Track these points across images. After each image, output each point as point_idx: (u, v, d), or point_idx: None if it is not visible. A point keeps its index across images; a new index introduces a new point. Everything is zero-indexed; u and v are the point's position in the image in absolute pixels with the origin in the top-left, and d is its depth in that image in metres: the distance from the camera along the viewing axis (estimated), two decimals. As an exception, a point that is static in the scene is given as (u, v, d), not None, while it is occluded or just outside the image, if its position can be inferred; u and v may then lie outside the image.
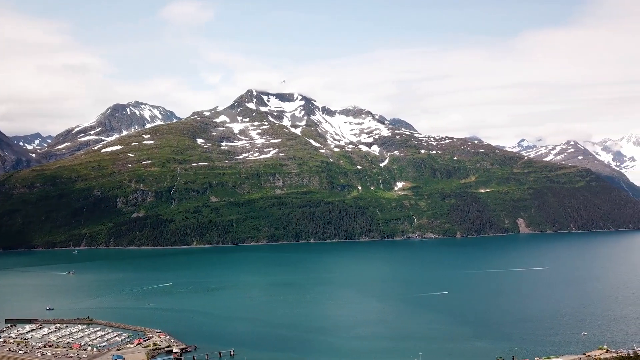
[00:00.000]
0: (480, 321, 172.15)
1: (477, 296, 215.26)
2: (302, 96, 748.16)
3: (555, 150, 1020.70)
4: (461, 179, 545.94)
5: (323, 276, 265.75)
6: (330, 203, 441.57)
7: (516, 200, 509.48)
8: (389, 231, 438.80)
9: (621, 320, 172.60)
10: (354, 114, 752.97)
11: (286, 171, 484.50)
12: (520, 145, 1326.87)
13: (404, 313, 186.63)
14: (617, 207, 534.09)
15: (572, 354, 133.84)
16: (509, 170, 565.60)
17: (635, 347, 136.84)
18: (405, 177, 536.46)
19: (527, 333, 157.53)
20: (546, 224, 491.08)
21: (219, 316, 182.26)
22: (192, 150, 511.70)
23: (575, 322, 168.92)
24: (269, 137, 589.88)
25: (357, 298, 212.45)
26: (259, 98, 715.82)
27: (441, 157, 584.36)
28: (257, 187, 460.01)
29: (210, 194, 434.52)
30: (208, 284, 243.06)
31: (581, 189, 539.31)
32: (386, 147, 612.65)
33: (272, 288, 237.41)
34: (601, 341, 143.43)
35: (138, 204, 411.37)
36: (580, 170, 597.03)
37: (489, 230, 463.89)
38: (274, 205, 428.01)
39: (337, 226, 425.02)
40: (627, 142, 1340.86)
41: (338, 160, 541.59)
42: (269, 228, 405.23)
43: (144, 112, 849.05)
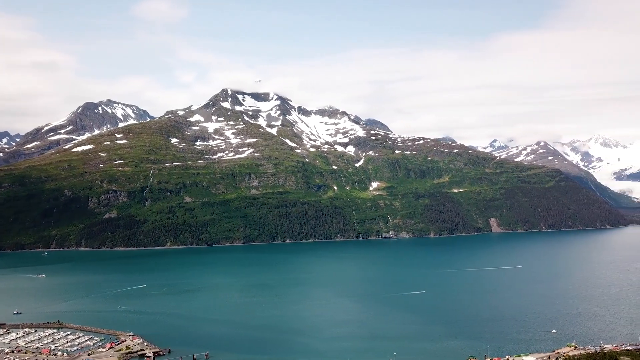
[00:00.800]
0: (454, 320, 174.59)
1: (453, 295, 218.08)
2: (277, 96, 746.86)
3: (526, 150, 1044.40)
4: (435, 179, 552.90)
5: (299, 277, 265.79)
6: (306, 203, 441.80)
7: (488, 200, 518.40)
8: (364, 231, 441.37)
9: (589, 317, 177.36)
10: (330, 114, 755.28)
11: (262, 171, 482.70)
12: (492, 146, 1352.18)
13: (380, 313, 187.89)
14: (585, 206, 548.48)
15: (542, 352, 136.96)
16: (481, 171, 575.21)
17: (602, 343, 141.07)
18: (380, 177, 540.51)
19: (499, 331, 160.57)
20: (517, 223, 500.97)
21: (193, 318, 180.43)
22: (165, 149, 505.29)
23: (546, 320, 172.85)
24: (244, 136, 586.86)
25: (333, 298, 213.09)
26: (234, 97, 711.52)
27: (415, 157, 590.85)
28: (232, 187, 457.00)
29: (185, 194, 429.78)
30: (182, 285, 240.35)
31: (551, 188, 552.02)
32: (361, 148, 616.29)
33: (248, 289, 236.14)
34: (570, 338, 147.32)
35: (110, 204, 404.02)
36: (550, 170, 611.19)
37: (462, 230, 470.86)
38: (249, 205, 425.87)
39: (312, 226, 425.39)
40: (595, 143, 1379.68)
41: (314, 161, 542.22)
42: (244, 228, 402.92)
43: (117, 110, 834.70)
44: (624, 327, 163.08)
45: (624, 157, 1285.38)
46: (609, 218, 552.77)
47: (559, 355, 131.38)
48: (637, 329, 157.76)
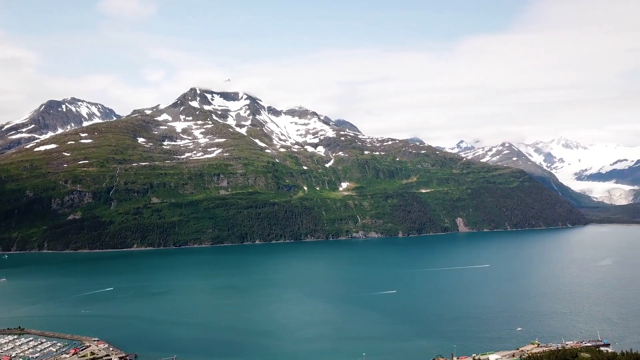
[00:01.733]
0: (422, 320, 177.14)
1: (423, 295, 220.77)
2: (247, 95, 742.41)
3: (492, 151, 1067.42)
4: (403, 179, 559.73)
5: (269, 278, 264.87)
6: (276, 204, 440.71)
7: (455, 200, 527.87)
8: (333, 231, 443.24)
9: (551, 315, 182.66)
10: (300, 114, 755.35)
11: (231, 171, 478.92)
12: (459, 147, 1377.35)
13: (350, 313, 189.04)
14: (547, 206, 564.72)
15: (506, 350, 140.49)
16: (448, 171, 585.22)
17: (563, 340, 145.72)
18: (349, 178, 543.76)
19: (466, 330, 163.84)
20: (483, 223, 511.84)
21: (161, 322, 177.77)
22: (132, 149, 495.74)
23: (511, 318, 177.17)
24: (213, 136, 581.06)
25: (303, 299, 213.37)
26: (203, 96, 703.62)
27: (384, 158, 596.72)
28: (201, 187, 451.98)
29: (152, 195, 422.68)
30: (149, 288, 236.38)
31: (515, 189, 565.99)
32: (331, 148, 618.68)
33: (216, 291, 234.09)
34: (533, 336, 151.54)
35: (74, 205, 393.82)
36: (514, 171, 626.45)
37: (429, 229, 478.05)
38: (218, 206, 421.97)
39: (283, 227, 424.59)
40: (557, 144, 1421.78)
41: (284, 161, 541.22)
42: (213, 229, 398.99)
43: (81, 109, 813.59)
44: (584, 324, 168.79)
45: (584, 158, 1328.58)
46: (570, 217, 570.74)
47: (523, 353, 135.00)
48: (596, 326, 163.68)
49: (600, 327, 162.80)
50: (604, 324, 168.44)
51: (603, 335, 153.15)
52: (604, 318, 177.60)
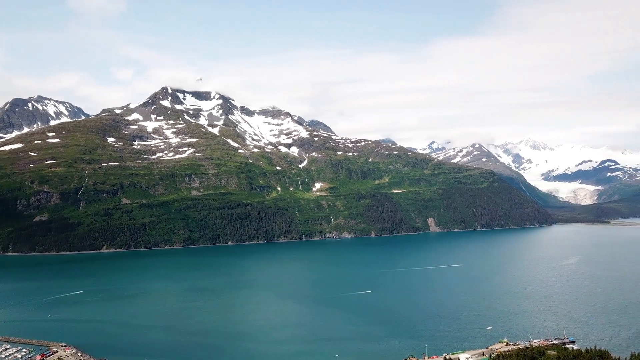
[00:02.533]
0: (395, 320, 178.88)
1: (397, 294, 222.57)
2: (219, 95, 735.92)
3: (462, 152, 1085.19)
4: (375, 179, 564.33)
5: (242, 279, 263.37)
6: (249, 204, 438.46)
7: (427, 200, 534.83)
8: (307, 231, 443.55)
9: (519, 314, 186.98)
10: (273, 114, 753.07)
11: (203, 172, 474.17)
12: (430, 147, 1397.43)
13: (324, 314, 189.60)
14: (516, 206, 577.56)
15: (476, 349, 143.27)
16: (420, 172, 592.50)
17: (531, 339, 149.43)
18: (323, 178, 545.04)
19: (438, 330, 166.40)
20: (454, 223, 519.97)
21: (131, 325, 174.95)
22: (101, 149, 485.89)
23: (481, 317, 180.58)
24: (184, 136, 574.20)
25: (276, 301, 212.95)
26: (175, 96, 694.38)
27: (357, 158, 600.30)
28: (172, 188, 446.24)
29: (122, 196, 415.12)
30: (119, 291, 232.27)
31: (485, 189, 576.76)
32: (305, 149, 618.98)
33: (188, 294, 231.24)
34: (502, 335, 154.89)
35: (41, 206, 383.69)
36: (484, 171, 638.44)
37: (401, 230, 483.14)
38: (190, 207, 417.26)
39: (256, 227, 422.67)
40: (525, 145, 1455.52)
41: (257, 161, 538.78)
42: (184, 231, 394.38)
43: (48, 107, 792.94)
44: (551, 322, 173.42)
45: (551, 159, 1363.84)
46: (538, 217, 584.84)
47: (492, 352, 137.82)
48: (563, 324, 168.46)
49: (566, 324, 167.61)
50: (570, 322, 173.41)
51: (569, 332, 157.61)
52: (569, 316, 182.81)
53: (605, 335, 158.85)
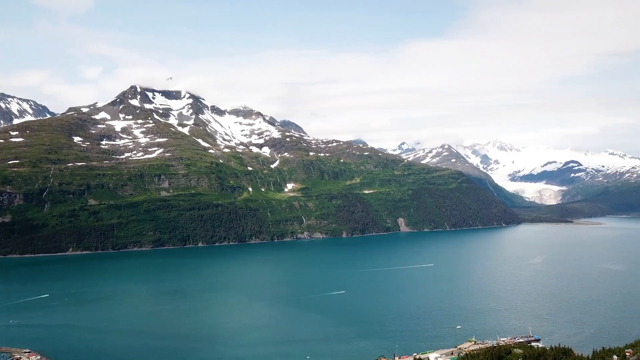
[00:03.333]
0: (367, 320, 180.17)
1: (370, 294, 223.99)
2: (190, 94, 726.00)
3: (432, 153, 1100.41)
4: (347, 180, 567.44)
5: (212, 281, 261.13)
6: (220, 205, 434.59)
7: (397, 200, 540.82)
8: (279, 232, 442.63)
9: (487, 313, 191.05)
10: (245, 114, 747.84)
11: (173, 172, 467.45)
12: (400, 148, 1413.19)
13: (296, 316, 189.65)
14: (484, 206, 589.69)
15: (446, 348, 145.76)
16: (390, 173, 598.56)
17: (498, 337, 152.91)
18: (295, 179, 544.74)
19: (408, 330, 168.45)
20: (424, 223, 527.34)
21: (98, 330, 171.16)
22: (67, 149, 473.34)
23: (451, 317, 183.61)
24: (154, 135, 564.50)
25: (248, 303, 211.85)
26: (144, 95, 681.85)
27: (329, 159, 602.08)
28: (141, 188, 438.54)
29: (89, 197, 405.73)
30: (86, 294, 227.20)
31: (454, 189, 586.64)
32: (277, 149, 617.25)
33: (157, 296, 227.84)
34: (470, 334, 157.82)
35: (4, 207, 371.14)
36: (453, 172, 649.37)
37: (372, 230, 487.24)
38: (159, 208, 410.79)
39: (226, 229, 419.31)
40: (493, 146, 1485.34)
41: (228, 161, 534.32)
42: (153, 232, 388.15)
43: (11, 105, 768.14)
44: (517, 321, 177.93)
45: (517, 160, 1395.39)
46: (505, 217, 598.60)
47: (461, 351, 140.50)
48: (528, 322, 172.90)
49: (531, 323, 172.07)
50: (535, 320, 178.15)
51: (534, 330, 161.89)
52: (535, 314, 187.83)
53: (568, 332, 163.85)
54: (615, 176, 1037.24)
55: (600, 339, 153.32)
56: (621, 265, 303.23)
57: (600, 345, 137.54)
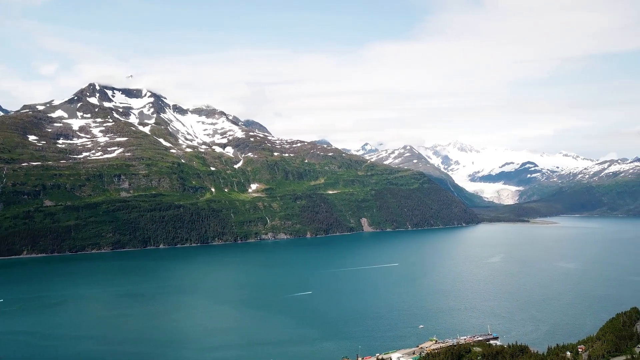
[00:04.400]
0: (331, 321, 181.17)
1: (336, 295, 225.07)
2: (151, 93, 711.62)
3: (394, 154, 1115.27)
4: (311, 180, 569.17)
5: (174, 284, 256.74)
6: (182, 206, 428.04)
7: (360, 201, 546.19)
8: (242, 233, 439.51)
9: (448, 312, 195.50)
10: (207, 113, 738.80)
11: (133, 172, 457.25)
12: (364, 149, 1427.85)
13: (259, 318, 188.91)
14: (444, 206, 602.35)
15: (407, 347, 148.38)
16: (354, 173, 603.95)
17: (458, 336, 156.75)
18: (259, 179, 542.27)
19: (371, 330, 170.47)
20: (386, 223, 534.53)
21: (56, 336, 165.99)
22: (22, 148, 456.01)
23: (413, 316, 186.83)
24: (113, 135, 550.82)
25: (211, 306, 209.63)
26: (103, 92, 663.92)
27: (293, 159, 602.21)
28: (100, 189, 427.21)
29: (44, 197, 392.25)
30: (42, 299, 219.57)
31: (415, 190, 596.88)
32: (240, 149, 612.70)
33: (117, 300, 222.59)
34: (432, 333, 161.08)
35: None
36: (414, 173, 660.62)
37: (336, 230, 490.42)
38: (119, 209, 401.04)
39: (189, 230, 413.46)
40: (453, 147, 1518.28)
41: (190, 161, 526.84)
42: (113, 234, 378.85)
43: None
44: (476, 319, 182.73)
45: (477, 160, 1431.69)
46: (465, 217, 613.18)
47: (422, 350, 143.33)
48: (487, 320, 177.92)
49: (490, 321, 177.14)
50: (494, 318, 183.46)
51: (493, 329, 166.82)
52: (493, 312, 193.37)
53: (525, 330, 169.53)
54: (569, 177, 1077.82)
55: (555, 335, 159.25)
56: (574, 263, 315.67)
57: (555, 342, 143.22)
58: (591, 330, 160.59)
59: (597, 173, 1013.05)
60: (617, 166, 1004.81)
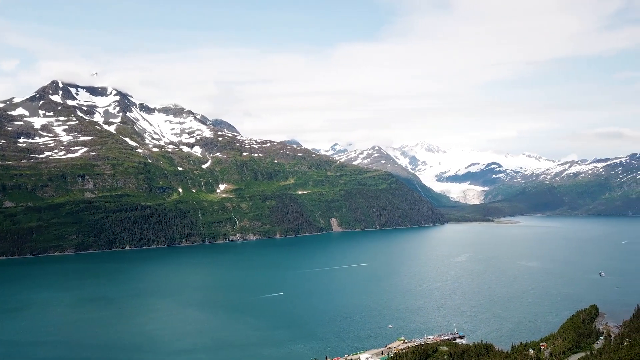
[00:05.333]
0: (300, 322, 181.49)
1: (306, 296, 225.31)
2: (117, 91, 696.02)
3: (363, 154, 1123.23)
4: (281, 181, 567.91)
5: (140, 286, 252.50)
6: (149, 207, 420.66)
7: (330, 201, 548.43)
8: (210, 234, 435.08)
9: (415, 311, 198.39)
10: (175, 112, 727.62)
11: (98, 172, 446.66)
12: (333, 149, 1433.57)
13: (228, 321, 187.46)
14: (412, 206, 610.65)
15: (376, 348, 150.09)
16: (323, 173, 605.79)
17: (425, 335, 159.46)
18: (228, 180, 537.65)
19: (340, 330, 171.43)
20: (355, 223, 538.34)
21: (16, 343, 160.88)
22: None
23: (381, 316, 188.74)
24: (77, 134, 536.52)
25: (179, 309, 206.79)
26: (66, 90, 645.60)
27: (262, 160, 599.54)
28: (63, 190, 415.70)
29: (4, 198, 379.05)
30: (2, 304, 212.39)
31: (384, 190, 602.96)
32: (208, 149, 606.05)
33: (81, 304, 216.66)
34: (399, 333, 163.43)
35: None
36: (383, 173, 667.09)
37: (305, 230, 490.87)
38: (83, 210, 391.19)
39: (156, 231, 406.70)
40: (421, 148, 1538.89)
41: (157, 161, 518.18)
42: (77, 236, 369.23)
43: None
44: (443, 318, 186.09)
45: (443, 161, 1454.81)
46: (432, 217, 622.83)
47: (390, 350, 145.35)
48: (453, 319, 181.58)
49: (456, 320, 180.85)
50: (460, 317, 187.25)
51: (459, 327, 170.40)
52: (459, 311, 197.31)
53: (490, 328, 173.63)
54: (532, 177, 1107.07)
55: (518, 333, 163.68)
56: (536, 262, 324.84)
57: (518, 340, 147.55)
58: (553, 327, 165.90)
59: (558, 174, 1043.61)
60: (577, 167, 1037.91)
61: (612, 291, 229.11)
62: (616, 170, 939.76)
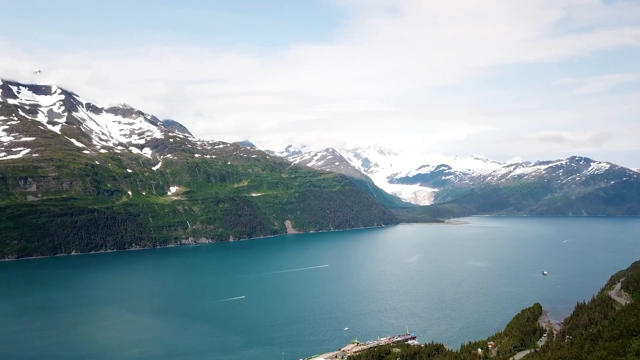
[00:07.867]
0: (254, 327, 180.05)
1: (263, 299, 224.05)
2: (61, 90, 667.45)
3: (317, 156, 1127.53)
4: (234, 183, 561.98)
5: (87, 293, 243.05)
6: (96, 210, 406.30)
7: (284, 203, 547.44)
8: (161, 238, 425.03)
9: (368, 314, 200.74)
10: (124, 113, 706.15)
11: (41, 174, 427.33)
12: (287, 151, 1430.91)
13: (180, 327, 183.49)
14: (365, 208, 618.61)
15: (330, 351, 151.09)
16: (278, 176, 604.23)
17: (379, 337, 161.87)
18: (179, 182, 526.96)
19: (295, 334, 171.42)
20: (309, 225, 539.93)
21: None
22: None
23: (335, 319, 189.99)
24: (19, 134, 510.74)
25: (128, 316, 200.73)
26: (7, 88, 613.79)
27: (215, 161, 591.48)
28: (4, 193, 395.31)
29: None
30: None
31: (337, 192, 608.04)
32: (159, 150, 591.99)
33: (22, 313, 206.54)
34: (353, 336, 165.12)
35: None
36: (336, 175, 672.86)
37: (260, 233, 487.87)
38: (25, 214, 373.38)
39: (104, 235, 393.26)
40: (373, 150, 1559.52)
41: (105, 163, 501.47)
42: (18, 241, 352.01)
43: None
44: (395, 320, 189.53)
45: (395, 163, 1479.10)
46: (384, 218, 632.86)
47: (344, 353, 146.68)
48: (405, 321, 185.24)
49: (408, 321, 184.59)
50: (411, 318, 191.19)
51: (411, 329, 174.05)
52: (411, 312, 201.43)
53: (440, 328, 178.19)
54: (479, 179, 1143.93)
55: (467, 333, 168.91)
56: (483, 262, 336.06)
57: (467, 339, 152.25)
58: (499, 326, 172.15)
59: (504, 175, 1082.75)
60: (522, 169, 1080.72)
61: (554, 289, 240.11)
62: (557, 172, 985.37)
